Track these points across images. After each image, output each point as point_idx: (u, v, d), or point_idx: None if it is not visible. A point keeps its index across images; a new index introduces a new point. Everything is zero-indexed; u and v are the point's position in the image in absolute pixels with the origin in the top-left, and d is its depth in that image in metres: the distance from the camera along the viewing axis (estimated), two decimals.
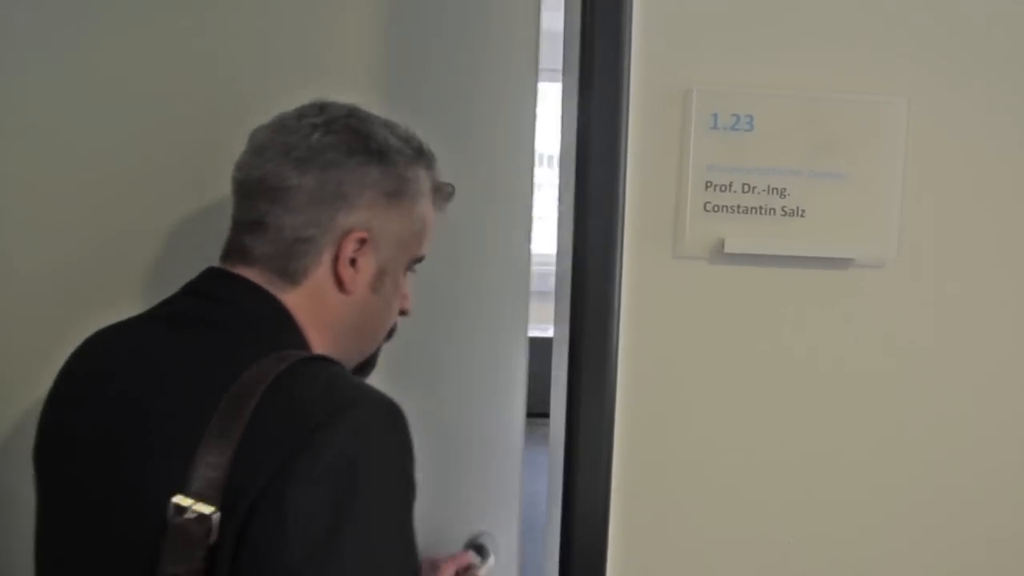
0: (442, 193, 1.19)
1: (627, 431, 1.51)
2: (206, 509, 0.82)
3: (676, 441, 1.53)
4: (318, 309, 1.03)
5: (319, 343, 1.03)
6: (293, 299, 1.01)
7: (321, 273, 1.03)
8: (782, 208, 1.49)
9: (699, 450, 1.53)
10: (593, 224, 1.48)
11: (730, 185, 1.49)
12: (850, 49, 1.49)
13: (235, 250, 1.04)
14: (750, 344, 1.52)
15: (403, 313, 1.19)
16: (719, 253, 1.49)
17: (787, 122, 1.49)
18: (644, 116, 1.49)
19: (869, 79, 1.49)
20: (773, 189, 1.49)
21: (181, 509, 0.82)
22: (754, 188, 1.49)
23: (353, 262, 1.05)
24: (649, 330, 1.52)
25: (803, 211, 1.50)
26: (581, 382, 1.48)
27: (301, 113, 1.06)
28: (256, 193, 1.03)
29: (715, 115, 1.48)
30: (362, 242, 1.05)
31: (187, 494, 0.83)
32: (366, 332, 1.12)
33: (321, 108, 1.07)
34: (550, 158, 1.92)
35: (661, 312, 1.52)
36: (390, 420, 0.93)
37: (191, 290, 1.04)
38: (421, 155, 1.13)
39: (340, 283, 1.04)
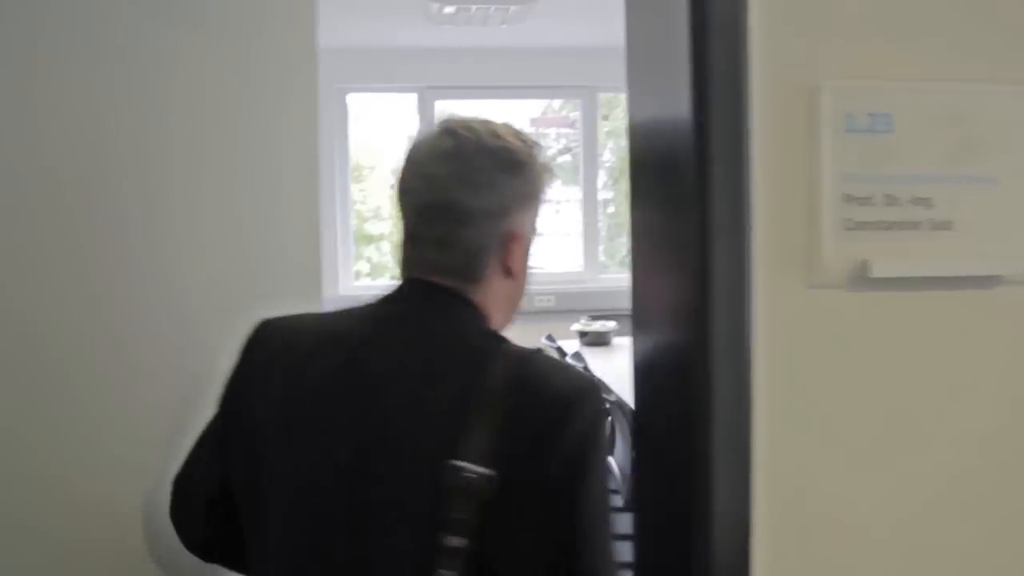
0: (551, 173, 1.35)
1: (767, 490, 1.26)
2: (485, 471, 1.07)
3: (823, 498, 1.29)
4: (491, 296, 1.28)
5: (495, 320, 1.29)
6: (476, 293, 1.26)
7: (491, 270, 1.26)
8: (928, 220, 1.28)
9: (849, 504, 1.30)
10: (719, 251, 1.24)
11: (871, 197, 1.26)
12: (1000, 34, 1.29)
13: (425, 263, 1.26)
14: (902, 381, 1.30)
15: None
16: (862, 279, 1.26)
17: (930, 120, 1.27)
18: (766, 118, 1.25)
19: (1022, 68, 1.30)
20: (918, 199, 1.28)
21: (459, 469, 1.07)
22: (897, 199, 1.27)
23: (512, 254, 1.27)
24: (786, 372, 1.27)
25: (950, 223, 1.29)
26: (713, 442, 1.24)
27: (455, 141, 1.25)
28: (441, 216, 1.23)
29: (850, 115, 1.26)
30: (518, 239, 1.28)
31: (463, 459, 1.07)
32: (519, 304, 1.37)
33: (466, 129, 1.26)
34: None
35: (797, 351, 1.28)
36: (602, 399, 1.28)
37: (399, 297, 1.27)
38: (537, 149, 1.31)
39: (508, 272, 1.28)
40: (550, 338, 5.38)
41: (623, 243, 7.12)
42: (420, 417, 1.14)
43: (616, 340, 5.57)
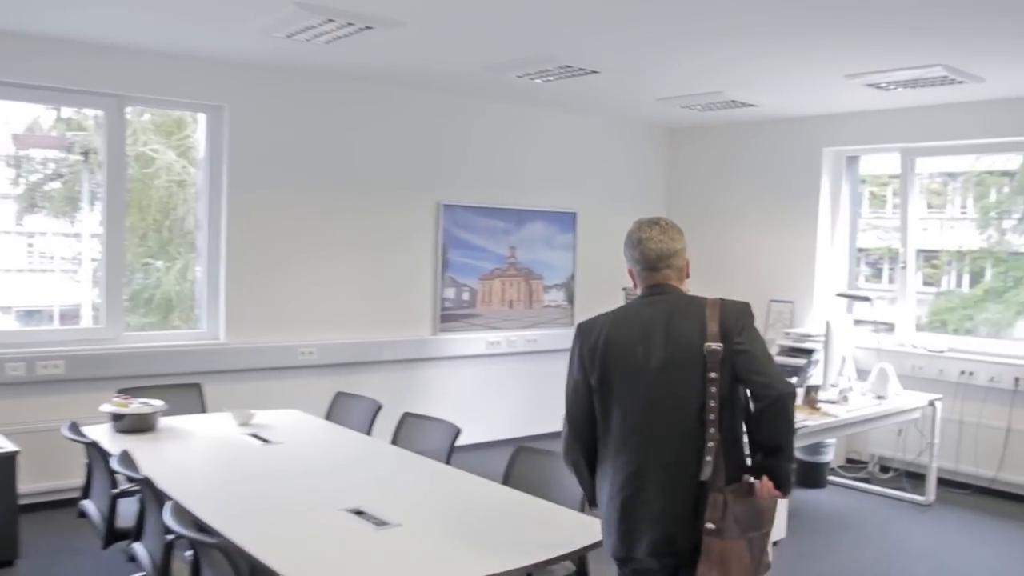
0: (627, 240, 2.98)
1: None
2: (718, 346, 2.64)
3: None
4: (684, 286, 2.89)
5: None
6: (683, 285, 2.87)
7: (685, 275, 2.89)
8: None
9: None
10: None
11: None
12: None
13: (661, 274, 2.82)
14: None
15: None
16: None
17: None
18: None
19: None
20: None
21: (709, 347, 2.65)
22: None
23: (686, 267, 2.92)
24: None
25: None
26: None
27: (660, 227, 2.86)
28: (662, 257, 2.82)
29: None
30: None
31: (709, 341, 2.65)
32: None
33: (657, 221, 2.88)
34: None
35: None
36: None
37: (655, 292, 2.83)
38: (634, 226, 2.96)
39: (687, 276, 2.91)
40: (74, 427, 4.00)
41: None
42: (687, 331, 2.71)
43: (164, 423, 4.37)
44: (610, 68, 5.73)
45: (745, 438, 2.73)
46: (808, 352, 6.83)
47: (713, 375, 2.61)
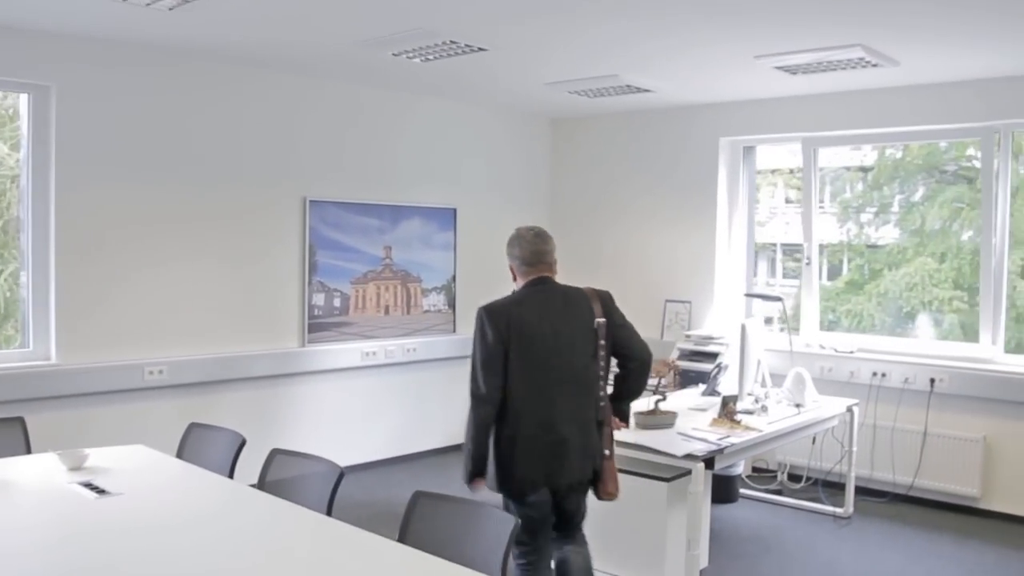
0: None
1: None
2: (604, 320, 3.61)
3: None
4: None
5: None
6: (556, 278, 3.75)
7: (554, 271, 3.74)
8: None
9: None
10: None
11: None
12: None
13: (537, 268, 3.65)
14: None
15: None
16: None
17: None
18: None
19: None
20: None
21: (599, 322, 3.60)
22: None
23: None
24: None
25: None
26: None
27: (535, 232, 3.74)
28: (543, 255, 3.68)
29: None
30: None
31: (598, 318, 3.60)
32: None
33: (533, 228, 3.80)
34: None
35: None
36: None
37: (540, 282, 3.64)
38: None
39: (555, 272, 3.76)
40: None
41: None
42: (580, 311, 3.60)
43: None
44: (499, 45, 5.10)
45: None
46: (713, 356, 6.37)
47: (603, 343, 3.60)
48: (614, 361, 3.68)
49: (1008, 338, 5.90)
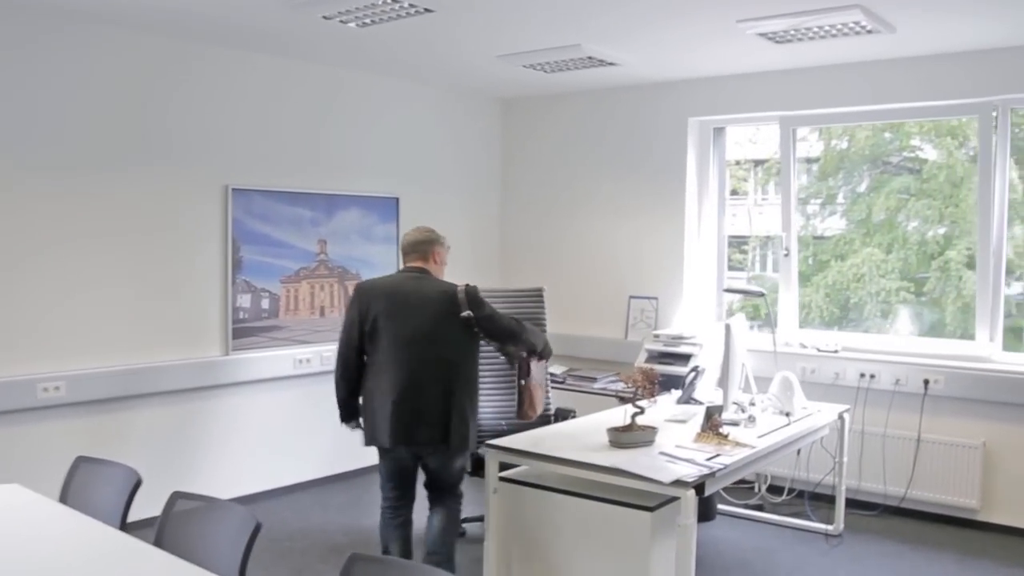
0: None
1: None
2: (468, 314, 4.00)
3: None
4: (438, 271, 4.23)
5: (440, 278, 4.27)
6: (433, 270, 4.20)
7: (435, 262, 4.22)
8: None
9: None
10: None
11: None
12: None
13: (416, 260, 4.18)
14: None
15: None
16: None
17: None
18: None
19: None
20: None
21: (465, 315, 4.00)
22: None
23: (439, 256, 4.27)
24: None
25: None
26: None
27: (418, 228, 4.31)
28: (416, 246, 4.21)
29: None
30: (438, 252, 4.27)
31: (463, 312, 4.01)
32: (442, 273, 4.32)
33: (418, 226, 4.34)
34: None
35: None
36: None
37: (409, 270, 4.16)
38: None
39: (440, 263, 4.26)
40: None
41: None
42: (429, 304, 3.99)
43: None
44: (447, 5, 4.43)
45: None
46: (684, 358, 5.78)
47: (475, 331, 4.05)
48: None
49: (954, 328, 5.55)
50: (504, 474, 4.03)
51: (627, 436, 3.94)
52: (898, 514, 5.43)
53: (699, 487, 3.50)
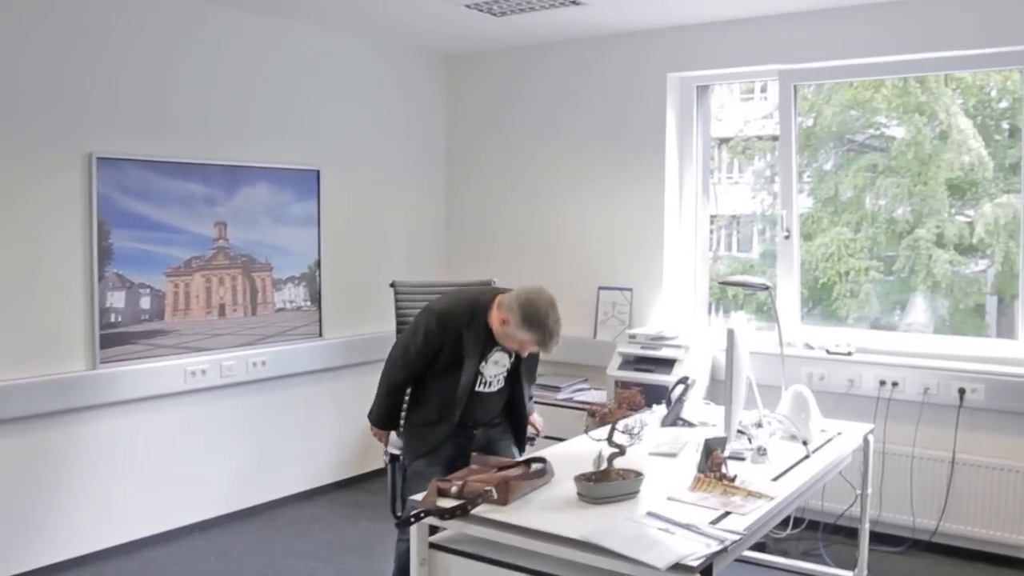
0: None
1: None
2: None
3: None
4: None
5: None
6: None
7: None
8: None
9: None
10: None
11: None
12: None
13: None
14: None
15: None
16: None
17: None
18: None
19: None
20: None
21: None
22: None
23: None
24: None
25: None
26: None
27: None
28: None
29: None
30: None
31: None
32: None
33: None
34: None
35: None
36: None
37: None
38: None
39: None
40: None
41: None
42: None
43: None
44: None
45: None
46: (667, 363, 4.78)
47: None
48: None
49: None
50: (436, 538, 2.97)
51: (602, 488, 2.90)
52: (929, 550, 4.57)
53: (706, 569, 2.49)
